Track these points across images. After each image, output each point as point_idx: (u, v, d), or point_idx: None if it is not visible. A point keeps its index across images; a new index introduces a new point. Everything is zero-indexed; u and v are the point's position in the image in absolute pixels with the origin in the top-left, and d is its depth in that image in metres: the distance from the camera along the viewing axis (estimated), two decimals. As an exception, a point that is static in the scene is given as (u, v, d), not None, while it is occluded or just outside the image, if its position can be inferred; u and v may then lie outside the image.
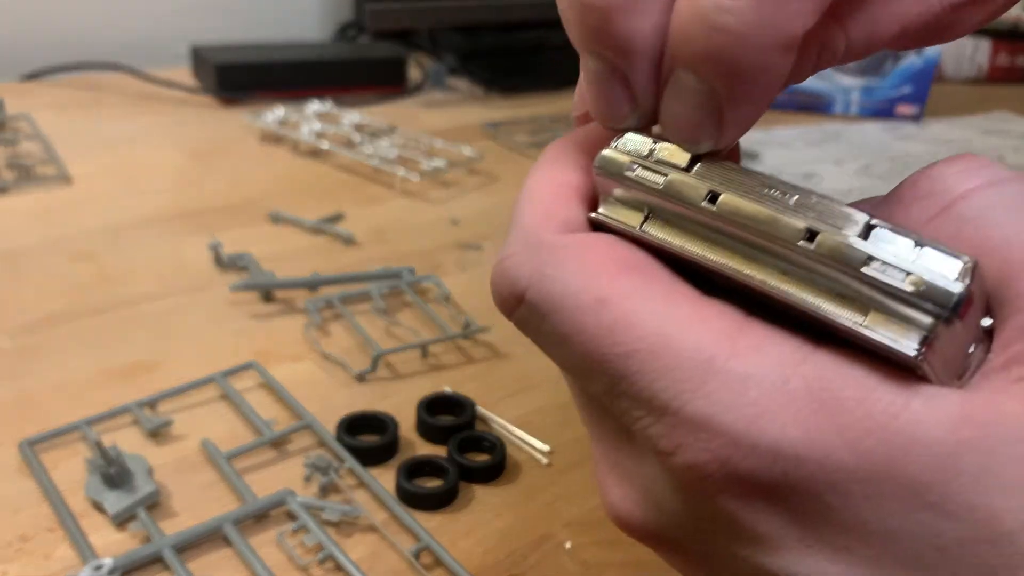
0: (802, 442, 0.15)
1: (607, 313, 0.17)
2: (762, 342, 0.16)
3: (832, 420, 0.15)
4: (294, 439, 0.38)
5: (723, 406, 0.16)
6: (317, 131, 0.78)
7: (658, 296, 0.17)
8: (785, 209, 0.17)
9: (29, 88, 0.90)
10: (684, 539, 0.18)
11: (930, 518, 0.15)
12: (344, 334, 0.47)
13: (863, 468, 0.15)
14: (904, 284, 0.15)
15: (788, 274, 0.17)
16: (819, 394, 0.15)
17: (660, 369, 0.16)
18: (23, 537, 0.32)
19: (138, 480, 0.34)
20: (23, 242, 0.56)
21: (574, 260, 0.18)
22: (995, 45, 1.23)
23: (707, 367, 0.16)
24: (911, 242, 0.15)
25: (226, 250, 0.54)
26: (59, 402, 0.40)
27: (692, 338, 0.16)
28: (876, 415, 0.15)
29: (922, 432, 0.15)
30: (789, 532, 0.16)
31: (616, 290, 0.17)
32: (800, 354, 0.16)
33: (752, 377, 0.16)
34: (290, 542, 0.33)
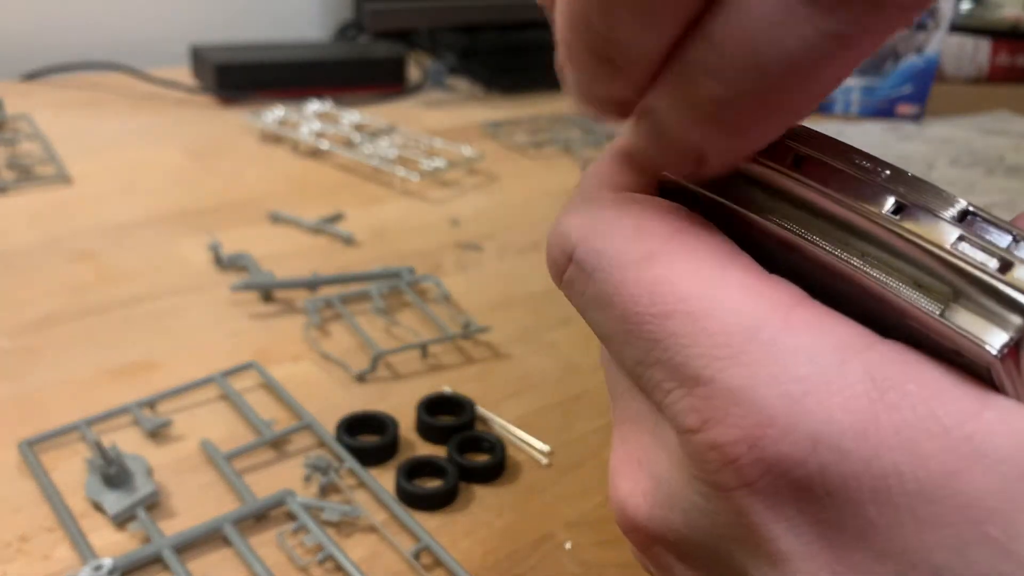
0: (850, 433, 0.13)
1: (650, 271, 0.15)
2: (821, 320, 0.14)
3: (891, 414, 0.13)
4: (294, 439, 0.38)
5: (763, 378, 0.14)
6: (317, 131, 0.78)
7: (709, 259, 0.15)
8: (875, 180, 0.15)
9: (29, 88, 0.90)
10: (692, 546, 0.16)
11: (988, 556, 0.12)
12: (344, 334, 0.47)
13: (917, 477, 0.13)
14: (995, 272, 0.13)
15: (866, 254, 0.15)
16: (880, 383, 0.13)
17: (698, 333, 0.14)
18: (23, 537, 0.32)
19: (138, 480, 0.34)
20: (23, 242, 0.56)
21: (627, 217, 0.16)
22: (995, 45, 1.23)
23: (750, 335, 0.14)
24: (1010, 236, 0.14)
25: (226, 250, 0.54)
26: (59, 402, 0.40)
27: (739, 304, 0.14)
28: (942, 417, 0.13)
29: (993, 446, 0.12)
30: (817, 554, 0.14)
31: (664, 248, 0.15)
32: (864, 340, 0.14)
33: (803, 352, 0.14)
34: (290, 542, 0.33)
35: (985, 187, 0.80)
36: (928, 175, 0.83)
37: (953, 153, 0.90)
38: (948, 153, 0.90)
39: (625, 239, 0.16)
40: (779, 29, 0.13)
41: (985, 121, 1.04)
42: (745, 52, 0.13)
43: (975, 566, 0.12)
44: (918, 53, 0.98)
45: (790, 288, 0.15)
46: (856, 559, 0.13)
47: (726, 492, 0.14)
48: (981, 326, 0.13)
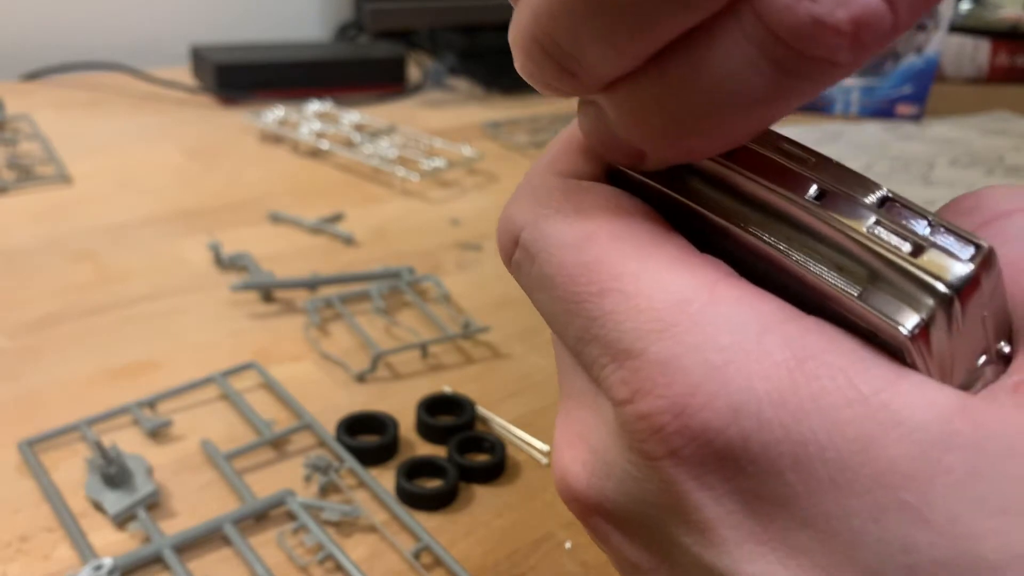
0: (770, 400, 0.13)
1: (588, 251, 0.16)
2: (746, 295, 0.15)
3: (809, 383, 0.13)
4: (294, 439, 0.38)
5: (687, 348, 0.14)
6: (317, 131, 0.78)
7: (643, 239, 0.16)
8: (801, 168, 0.16)
9: (29, 88, 0.90)
10: (626, 514, 0.17)
11: (903, 523, 0.12)
12: (344, 334, 0.47)
13: (835, 444, 0.13)
14: (908, 255, 0.14)
15: (791, 239, 0.16)
16: (798, 353, 0.14)
17: (630, 310, 0.15)
18: (23, 537, 0.32)
19: (138, 480, 0.34)
20: (23, 242, 0.56)
21: (569, 201, 0.17)
22: (995, 45, 1.23)
23: (679, 309, 0.15)
24: (926, 221, 0.14)
25: (226, 250, 0.54)
26: (59, 402, 0.40)
27: (669, 280, 0.15)
28: (859, 385, 0.13)
29: (908, 413, 0.13)
30: (741, 522, 0.14)
31: (601, 230, 0.16)
32: (785, 313, 0.15)
33: (725, 323, 0.14)
34: (290, 542, 0.33)
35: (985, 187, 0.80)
36: (928, 175, 0.83)
37: (953, 153, 0.90)
38: (948, 153, 0.90)
39: (566, 222, 0.17)
40: (739, 83, 0.13)
41: (985, 121, 1.04)
42: (700, 96, 0.14)
43: (891, 532, 0.13)
44: (918, 53, 0.98)
45: (718, 265, 0.16)
46: (778, 526, 0.14)
47: (654, 461, 0.15)
48: (895, 307, 0.14)
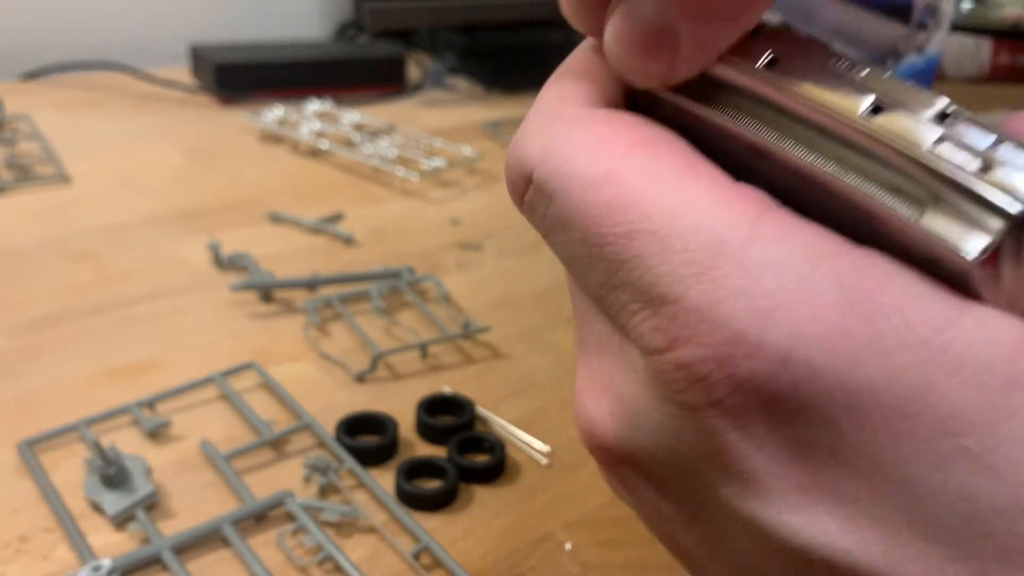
0: (821, 346, 0.12)
1: (611, 189, 0.15)
2: (791, 229, 0.14)
3: (863, 325, 0.12)
4: (293, 440, 0.38)
5: (730, 293, 0.13)
6: (316, 131, 0.77)
7: (673, 172, 0.15)
8: (850, 81, 0.14)
9: (28, 88, 0.90)
10: (659, 465, 0.16)
11: (965, 470, 0.12)
12: (343, 334, 0.47)
13: (892, 390, 0.12)
14: (976, 174, 0.13)
15: (841, 159, 0.14)
16: (851, 293, 0.13)
17: (664, 252, 0.14)
18: (22, 538, 0.32)
19: (137, 481, 0.34)
20: (22, 242, 0.56)
21: (585, 133, 0.16)
22: (996, 44, 1.23)
23: (718, 250, 0.13)
24: (992, 136, 0.13)
25: (225, 250, 0.54)
26: (58, 402, 0.40)
27: (704, 219, 0.14)
28: (917, 326, 0.12)
29: (972, 354, 0.12)
30: (787, 471, 0.13)
31: (624, 164, 0.15)
32: (834, 247, 0.13)
33: (771, 263, 0.13)
34: (289, 543, 0.32)
35: (985, 187, 0.80)
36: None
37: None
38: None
39: (585, 157, 0.15)
40: None
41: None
42: None
43: (951, 480, 0.12)
44: (919, 53, 0.98)
45: (757, 195, 0.14)
46: (828, 475, 0.13)
47: (694, 411, 0.14)
48: (959, 231, 0.13)
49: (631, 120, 0.16)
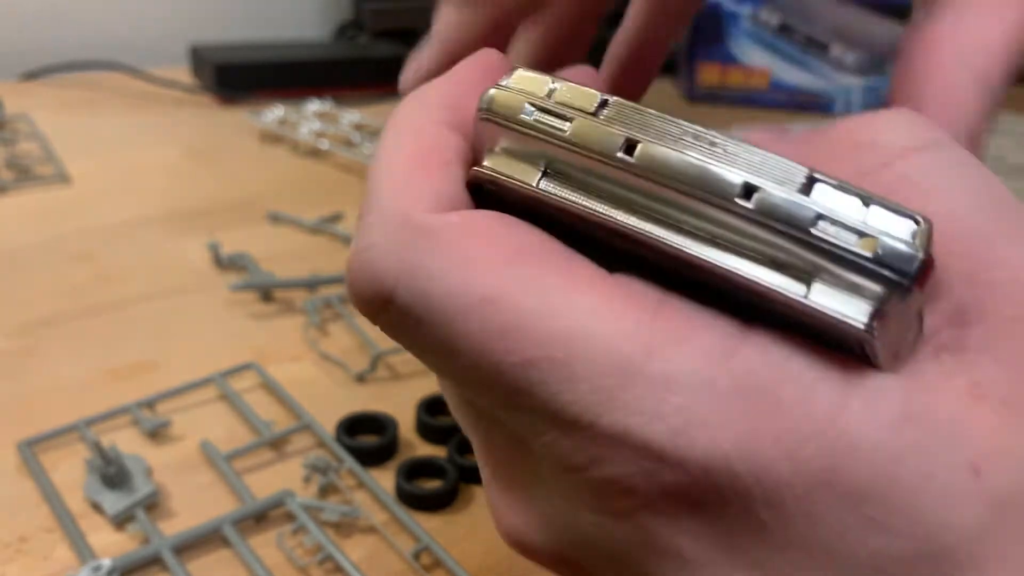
0: (736, 453, 0.13)
1: (497, 315, 0.14)
2: (683, 330, 0.14)
3: (768, 425, 0.13)
4: (293, 440, 0.38)
5: (645, 417, 0.13)
6: (316, 130, 0.77)
7: (556, 286, 0.14)
8: (715, 160, 0.14)
9: (27, 88, 0.90)
10: (596, 561, 0.16)
11: (871, 535, 0.13)
12: (343, 334, 0.47)
13: (801, 480, 0.13)
14: (858, 248, 0.13)
15: (716, 239, 0.14)
16: (752, 394, 0.13)
17: (567, 380, 0.14)
18: (21, 538, 0.32)
19: (137, 481, 0.34)
20: (21, 242, 0.56)
21: (453, 248, 0.14)
22: (995, 44, 1.23)
23: (622, 371, 0.13)
24: (858, 200, 0.13)
25: (225, 250, 0.54)
26: (57, 402, 0.40)
27: (602, 338, 0.14)
28: (816, 417, 0.13)
29: (863, 435, 0.13)
30: (720, 556, 0.14)
31: (506, 285, 0.14)
32: (729, 343, 0.14)
33: (675, 380, 0.13)
34: (289, 543, 0.32)
35: (985, 187, 0.80)
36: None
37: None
38: (948, 153, 0.90)
39: (456, 277, 0.14)
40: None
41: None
42: None
43: (859, 545, 0.13)
44: (918, 53, 0.98)
45: (641, 291, 0.14)
46: (756, 555, 0.14)
47: (625, 515, 0.14)
48: (845, 301, 0.13)
49: (492, 223, 0.15)
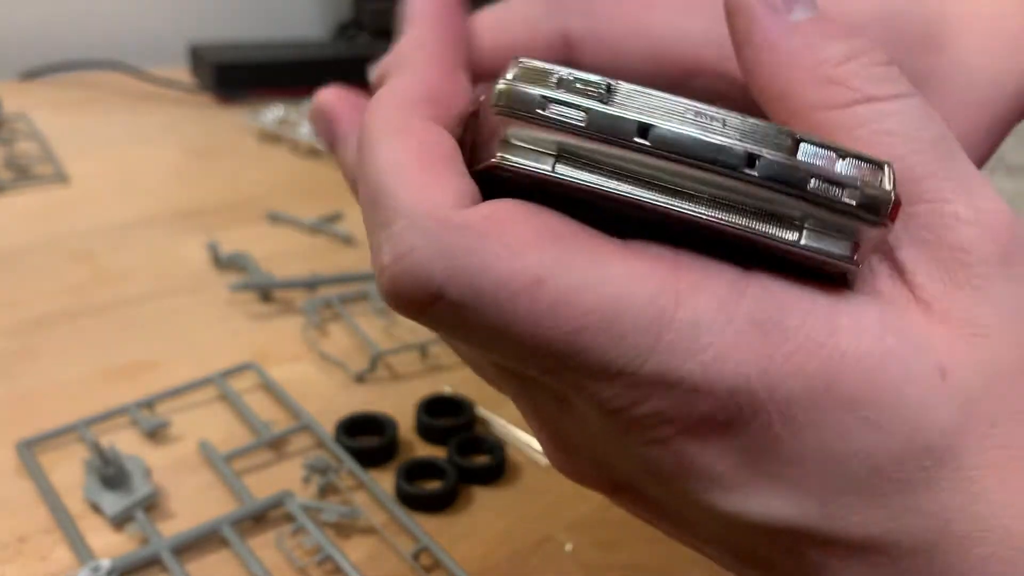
0: (756, 377, 0.16)
1: (546, 294, 0.16)
2: (699, 280, 0.16)
3: (779, 349, 0.16)
4: (293, 440, 0.38)
5: (677, 357, 0.16)
6: (316, 130, 0.77)
7: (591, 261, 0.16)
8: (718, 135, 0.16)
9: (26, 87, 0.90)
10: (641, 486, 0.19)
11: (865, 436, 0.16)
12: (343, 334, 0.47)
13: (807, 393, 0.16)
14: (844, 198, 0.16)
15: (718, 200, 0.16)
16: (763, 326, 0.16)
17: (612, 338, 0.16)
18: (20, 538, 0.32)
19: (136, 481, 0.34)
20: (20, 242, 0.55)
21: (494, 240, 0.16)
22: (994, 45, 1.23)
23: (658, 323, 0.16)
24: (835, 153, 0.16)
25: (224, 250, 0.54)
26: (56, 403, 0.40)
27: (638, 297, 0.16)
28: (815, 338, 0.16)
29: (853, 348, 0.16)
30: (741, 470, 0.16)
31: (548, 266, 0.16)
32: (737, 287, 0.16)
33: (700, 321, 0.16)
34: (289, 544, 0.32)
35: (984, 187, 0.80)
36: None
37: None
38: (947, 153, 0.90)
39: (503, 266, 0.16)
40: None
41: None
42: None
43: (856, 445, 0.16)
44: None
45: (661, 256, 0.17)
46: (771, 468, 0.16)
47: (666, 442, 0.17)
48: (832, 242, 0.16)
49: (528, 212, 0.17)
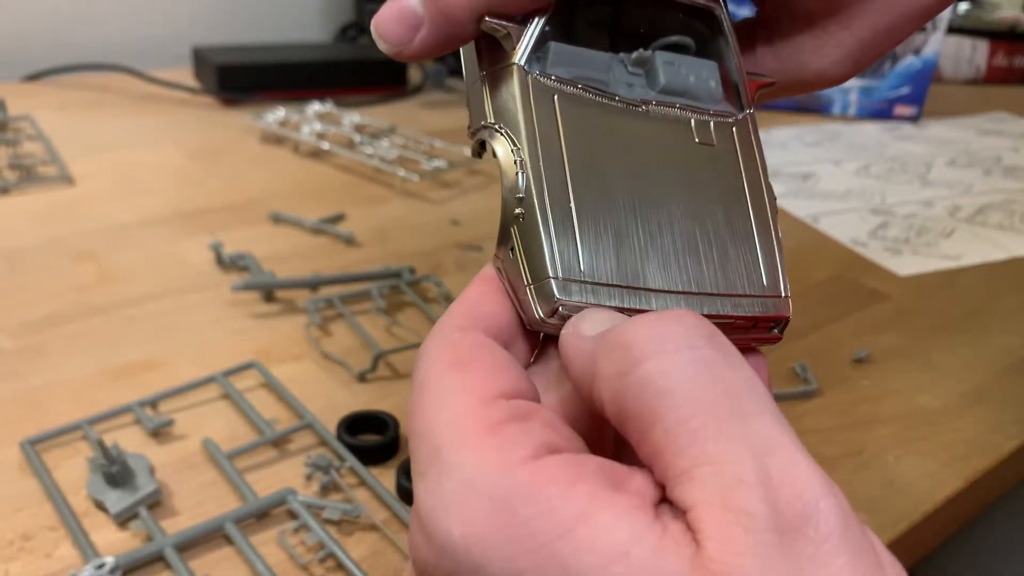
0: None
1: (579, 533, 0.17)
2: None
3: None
4: (295, 438, 0.39)
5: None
6: (318, 132, 0.78)
7: (619, 513, 0.17)
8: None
9: (31, 89, 0.90)
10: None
11: None
12: (345, 334, 0.48)
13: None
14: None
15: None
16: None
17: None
18: (25, 536, 0.32)
19: (139, 479, 0.34)
20: (25, 242, 0.56)
21: (545, 487, 0.17)
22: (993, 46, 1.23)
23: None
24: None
25: (227, 250, 0.54)
26: (61, 401, 0.40)
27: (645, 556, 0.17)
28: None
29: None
30: None
31: (585, 511, 0.17)
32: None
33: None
34: (291, 541, 0.33)
35: (982, 187, 0.80)
36: (925, 175, 0.83)
37: (950, 154, 0.91)
38: (946, 154, 0.90)
39: (555, 508, 0.17)
40: None
41: (982, 122, 1.04)
42: None
43: None
44: (916, 54, 0.99)
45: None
46: None
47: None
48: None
49: (557, 470, 0.18)
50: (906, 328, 0.53)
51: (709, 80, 0.25)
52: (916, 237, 0.67)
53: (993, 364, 0.49)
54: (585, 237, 0.21)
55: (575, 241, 0.21)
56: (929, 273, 0.61)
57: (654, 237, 0.22)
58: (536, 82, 0.22)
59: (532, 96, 0.22)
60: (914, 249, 0.65)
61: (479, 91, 0.23)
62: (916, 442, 0.42)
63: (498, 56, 0.23)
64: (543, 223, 0.21)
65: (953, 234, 0.68)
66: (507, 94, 0.22)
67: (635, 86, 0.24)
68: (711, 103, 0.25)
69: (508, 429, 0.18)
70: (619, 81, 0.24)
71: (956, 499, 0.39)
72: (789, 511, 0.16)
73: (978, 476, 0.40)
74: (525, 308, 0.21)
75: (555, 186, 0.21)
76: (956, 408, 0.45)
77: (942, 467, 0.40)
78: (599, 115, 0.23)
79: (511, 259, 0.22)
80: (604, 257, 0.21)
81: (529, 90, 0.22)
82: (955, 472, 0.40)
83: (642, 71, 0.24)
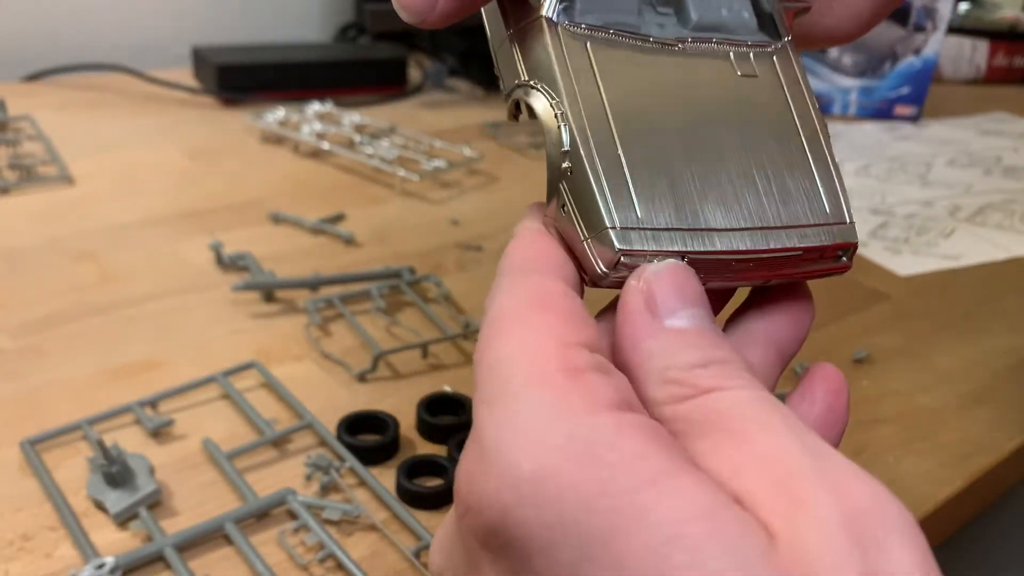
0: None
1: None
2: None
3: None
4: (295, 438, 0.39)
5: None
6: (318, 132, 0.78)
7: (686, 482, 0.17)
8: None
9: (31, 89, 0.90)
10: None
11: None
12: (345, 334, 0.48)
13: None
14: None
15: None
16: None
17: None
18: (25, 536, 0.32)
19: (139, 479, 0.34)
20: (25, 242, 0.56)
21: (625, 446, 0.17)
22: (993, 46, 1.23)
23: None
24: None
25: (227, 250, 0.54)
26: (61, 402, 0.40)
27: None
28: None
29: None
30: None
31: (654, 484, 0.17)
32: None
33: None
34: (291, 541, 0.33)
35: (982, 187, 0.80)
36: (925, 175, 0.83)
37: (950, 154, 0.91)
38: (946, 154, 0.90)
39: (641, 458, 0.17)
40: None
41: (982, 122, 1.04)
42: None
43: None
44: (916, 54, 0.99)
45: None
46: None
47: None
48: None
49: (615, 438, 0.17)
50: (906, 328, 0.53)
51: (742, 11, 0.24)
52: (916, 237, 0.67)
53: (993, 364, 0.49)
54: (638, 183, 0.20)
55: (628, 188, 0.20)
56: (929, 273, 0.61)
57: (709, 175, 0.21)
58: (567, 32, 0.21)
59: (564, 47, 0.21)
60: (914, 249, 0.65)
61: (508, 51, 0.23)
62: (916, 442, 0.42)
63: (524, 12, 0.22)
64: (593, 174, 0.20)
65: (953, 234, 0.68)
66: (538, 48, 0.22)
67: (667, 26, 0.23)
68: (747, 34, 0.24)
69: (590, 377, 0.18)
70: (650, 23, 0.23)
71: (956, 499, 0.39)
72: (855, 509, 0.16)
73: (978, 476, 0.40)
74: (585, 263, 0.20)
75: (600, 135, 0.20)
76: (956, 408, 0.45)
77: (942, 467, 0.40)
78: (635, 58, 0.22)
79: (563, 216, 0.21)
80: (660, 201, 0.20)
81: (560, 41, 0.21)
82: (955, 472, 0.40)
83: (671, 10, 0.24)
